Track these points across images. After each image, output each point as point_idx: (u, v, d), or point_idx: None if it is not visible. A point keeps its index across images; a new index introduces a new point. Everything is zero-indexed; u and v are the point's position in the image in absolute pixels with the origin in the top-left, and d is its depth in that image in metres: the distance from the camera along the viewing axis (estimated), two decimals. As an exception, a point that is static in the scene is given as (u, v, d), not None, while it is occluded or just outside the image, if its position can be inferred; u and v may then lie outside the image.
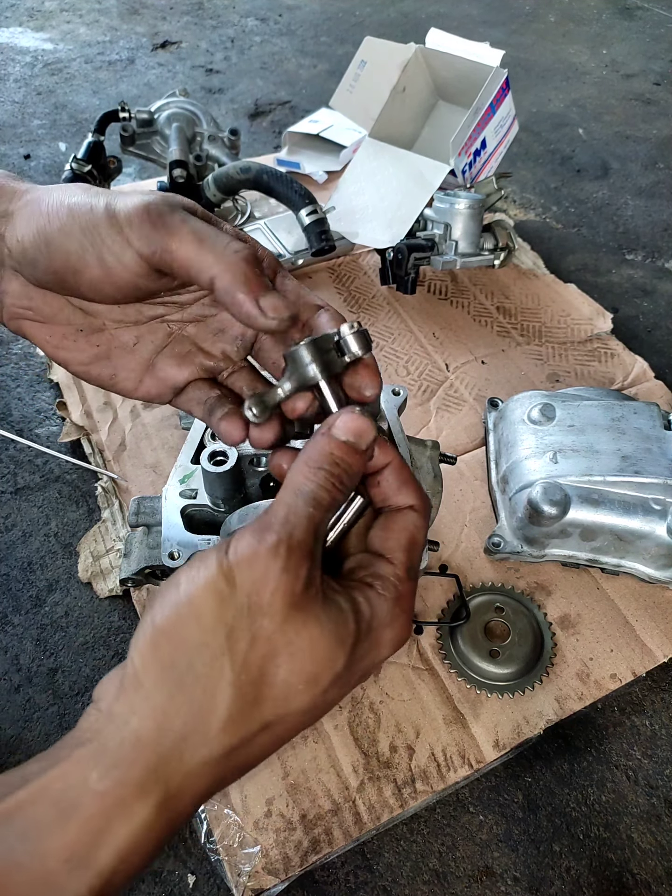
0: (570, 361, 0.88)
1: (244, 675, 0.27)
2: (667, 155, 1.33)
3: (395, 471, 0.32)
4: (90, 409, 0.80)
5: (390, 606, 0.30)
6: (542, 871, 0.52)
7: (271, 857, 0.51)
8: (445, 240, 0.88)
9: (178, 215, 0.32)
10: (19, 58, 1.56)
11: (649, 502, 0.62)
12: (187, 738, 0.27)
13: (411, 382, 0.85)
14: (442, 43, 0.99)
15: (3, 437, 0.78)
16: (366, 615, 0.30)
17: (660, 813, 0.55)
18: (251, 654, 0.27)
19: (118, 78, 1.51)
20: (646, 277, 1.06)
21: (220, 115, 1.39)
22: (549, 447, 0.66)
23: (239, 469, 0.47)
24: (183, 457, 0.54)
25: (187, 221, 0.32)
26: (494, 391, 0.83)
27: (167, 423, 0.78)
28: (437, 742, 0.56)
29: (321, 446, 0.30)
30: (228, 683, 0.27)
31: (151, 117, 1.02)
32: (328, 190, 1.06)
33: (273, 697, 0.28)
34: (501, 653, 0.60)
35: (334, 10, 1.84)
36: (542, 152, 1.33)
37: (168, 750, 0.26)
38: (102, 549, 0.68)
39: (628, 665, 0.61)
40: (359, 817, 0.53)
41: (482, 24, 1.78)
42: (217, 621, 0.27)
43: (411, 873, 0.52)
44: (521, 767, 0.57)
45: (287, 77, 1.54)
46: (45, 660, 0.62)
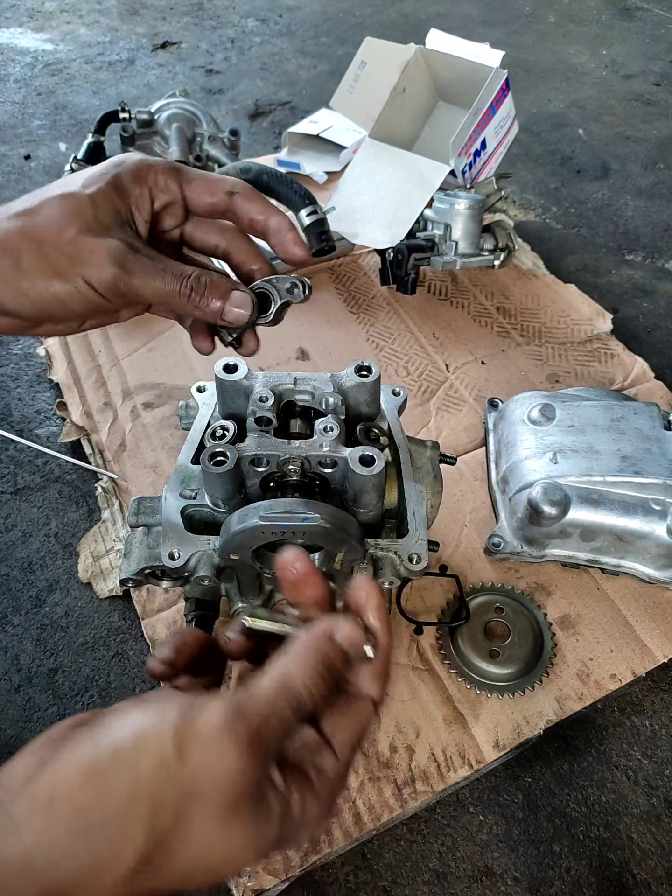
0: (570, 362, 0.88)
1: (154, 849, 0.26)
2: (667, 155, 1.33)
3: (381, 661, 0.32)
4: (90, 409, 0.80)
5: (320, 808, 0.30)
6: (542, 872, 0.52)
7: (271, 857, 0.50)
8: (445, 240, 0.88)
9: (137, 262, 0.38)
10: (19, 58, 1.56)
11: (649, 502, 0.62)
12: (78, 884, 0.26)
13: (411, 383, 0.85)
14: (442, 43, 1.00)
15: (3, 438, 0.78)
16: (294, 818, 0.29)
17: (660, 813, 0.55)
18: (169, 833, 0.26)
19: (118, 78, 1.51)
20: (646, 278, 1.06)
21: (220, 115, 1.39)
22: (548, 447, 0.66)
23: (239, 469, 0.47)
24: (183, 457, 0.54)
25: (143, 267, 0.38)
26: (494, 391, 0.83)
27: (167, 424, 0.78)
28: (437, 742, 0.56)
29: (322, 647, 0.30)
30: (134, 850, 0.26)
31: (151, 118, 1.02)
32: (328, 190, 1.06)
33: (171, 875, 0.27)
34: (501, 653, 0.60)
35: (334, 10, 1.84)
36: (542, 153, 1.33)
37: (57, 887, 0.25)
38: (102, 549, 0.68)
39: (628, 665, 0.61)
40: (359, 817, 0.53)
41: (482, 25, 1.78)
42: (150, 790, 0.26)
43: (411, 873, 0.52)
44: (521, 768, 0.57)
45: (287, 77, 1.54)
46: (45, 660, 0.62)
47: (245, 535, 0.45)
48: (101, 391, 0.81)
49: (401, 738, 0.56)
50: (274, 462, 0.47)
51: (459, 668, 0.60)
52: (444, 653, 0.61)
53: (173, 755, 0.26)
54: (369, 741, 0.56)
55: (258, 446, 0.47)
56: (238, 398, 0.51)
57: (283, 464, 0.47)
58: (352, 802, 0.53)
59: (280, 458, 0.47)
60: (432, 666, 0.60)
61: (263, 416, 0.48)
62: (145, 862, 0.26)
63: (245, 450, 0.47)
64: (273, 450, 0.47)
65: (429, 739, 0.56)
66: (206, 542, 0.50)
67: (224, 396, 0.52)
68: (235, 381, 0.50)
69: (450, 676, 0.60)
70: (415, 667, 0.60)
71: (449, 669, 0.60)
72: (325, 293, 0.96)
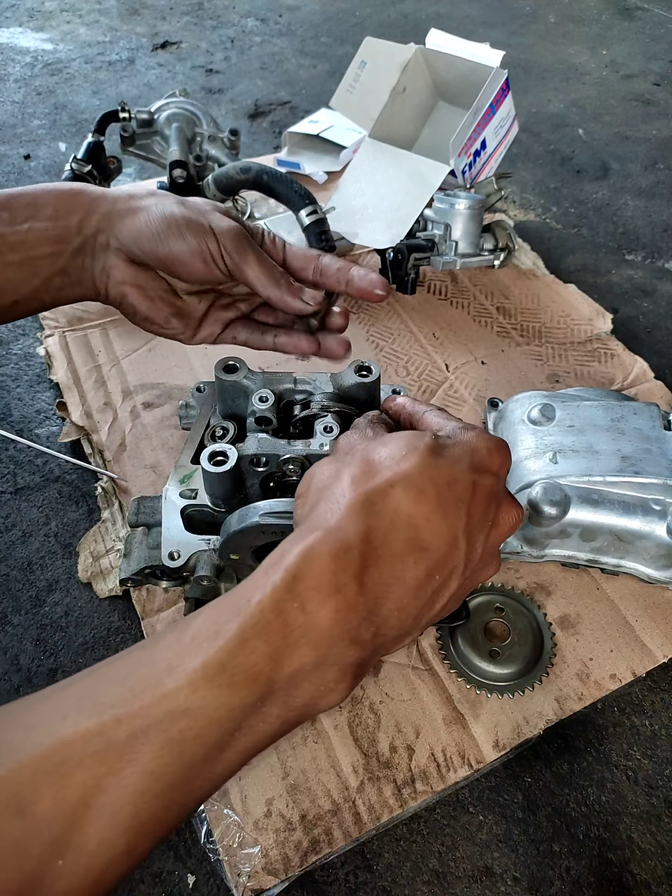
0: (570, 362, 0.88)
1: (357, 469, 0.34)
2: (667, 155, 1.33)
3: None
4: (90, 409, 0.80)
5: (459, 426, 0.37)
6: (542, 872, 0.52)
7: (271, 857, 0.51)
8: (445, 240, 0.88)
9: (248, 243, 0.48)
10: (19, 58, 1.56)
11: (649, 502, 0.62)
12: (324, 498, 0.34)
13: (411, 382, 0.85)
14: (442, 43, 1.00)
15: (3, 437, 0.78)
16: (440, 432, 0.36)
17: (660, 813, 0.55)
18: (356, 457, 0.35)
19: (118, 78, 1.51)
20: (646, 278, 1.06)
21: (220, 115, 1.39)
22: (548, 447, 0.66)
23: (239, 469, 0.47)
24: (183, 457, 0.54)
25: (253, 250, 0.48)
26: (494, 391, 0.83)
27: (167, 423, 0.78)
28: (437, 742, 0.56)
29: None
30: (349, 472, 0.34)
31: (151, 117, 1.02)
32: (328, 190, 1.06)
33: (381, 463, 0.34)
34: (501, 653, 0.60)
35: (334, 10, 1.84)
36: (542, 153, 1.33)
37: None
38: (102, 549, 0.68)
39: (628, 665, 0.61)
40: (359, 817, 0.53)
41: (482, 25, 1.78)
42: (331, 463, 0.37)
43: (411, 873, 0.52)
44: (520, 767, 0.57)
45: (287, 77, 1.54)
46: (45, 660, 0.62)
47: (245, 535, 0.45)
48: (101, 391, 0.81)
49: (400, 738, 0.56)
50: (274, 462, 0.47)
51: (459, 668, 0.60)
52: (443, 653, 0.61)
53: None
54: (369, 741, 0.56)
55: (258, 446, 0.47)
56: (238, 398, 0.51)
57: (283, 464, 0.47)
58: (351, 802, 0.53)
59: (280, 457, 0.47)
60: (432, 666, 0.60)
61: (263, 416, 0.48)
62: (359, 470, 0.34)
63: (245, 450, 0.47)
64: (273, 450, 0.47)
65: (428, 739, 0.56)
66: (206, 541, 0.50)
67: (224, 396, 0.52)
68: (235, 382, 0.50)
69: (449, 676, 0.60)
70: (414, 667, 0.60)
71: (449, 669, 0.60)
72: (325, 293, 0.96)
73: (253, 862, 0.50)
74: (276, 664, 0.29)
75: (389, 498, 0.32)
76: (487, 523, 0.35)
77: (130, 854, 0.28)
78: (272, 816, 0.52)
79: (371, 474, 0.33)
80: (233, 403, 0.52)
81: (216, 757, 0.29)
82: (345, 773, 0.55)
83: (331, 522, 0.32)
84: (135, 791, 0.27)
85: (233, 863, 0.50)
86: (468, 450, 0.35)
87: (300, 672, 0.30)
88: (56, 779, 0.27)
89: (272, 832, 0.52)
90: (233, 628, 0.29)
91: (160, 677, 0.29)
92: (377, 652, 0.33)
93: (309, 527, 0.32)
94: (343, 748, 0.56)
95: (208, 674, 0.28)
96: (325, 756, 0.55)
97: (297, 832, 0.52)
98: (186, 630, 0.30)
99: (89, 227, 0.47)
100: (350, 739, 0.56)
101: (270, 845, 0.51)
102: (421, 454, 0.33)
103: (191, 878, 0.51)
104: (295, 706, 0.31)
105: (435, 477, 0.33)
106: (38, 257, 0.46)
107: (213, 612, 0.31)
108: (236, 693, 0.29)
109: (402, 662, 0.60)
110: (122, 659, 0.32)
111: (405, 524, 0.32)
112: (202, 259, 0.47)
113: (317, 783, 0.54)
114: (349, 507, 0.32)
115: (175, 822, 0.30)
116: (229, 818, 0.52)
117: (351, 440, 0.38)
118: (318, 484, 0.35)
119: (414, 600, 0.32)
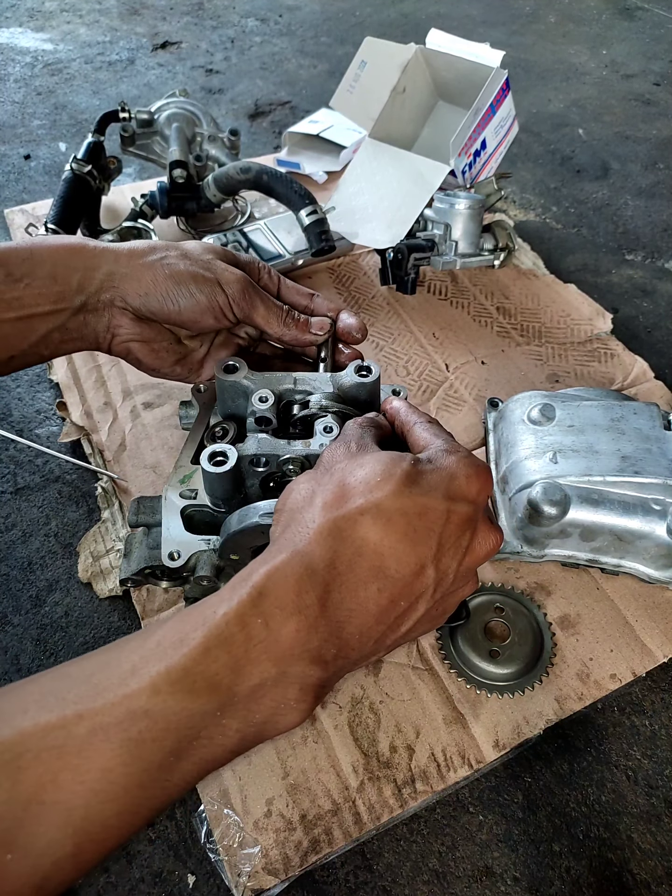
0: (570, 362, 0.88)
1: (330, 495, 0.35)
2: (667, 155, 1.33)
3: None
4: (90, 409, 0.80)
5: (442, 446, 0.38)
6: (542, 871, 0.52)
7: (271, 857, 0.51)
8: (445, 240, 0.88)
9: (255, 291, 0.50)
10: (19, 58, 1.56)
11: (649, 502, 0.62)
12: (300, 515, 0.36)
13: (411, 382, 0.85)
14: (442, 43, 1.00)
15: (3, 437, 0.78)
16: (422, 455, 0.37)
17: (660, 813, 0.55)
18: (333, 477, 0.36)
19: (118, 78, 1.51)
20: (646, 278, 1.06)
21: (220, 115, 1.39)
22: (548, 447, 0.66)
23: (239, 469, 0.47)
24: (183, 457, 0.54)
25: (259, 295, 0.50)
26: (494, 391, 0.83)
27: (167, 423, 0.78)
28: (437, 742, 0.56)
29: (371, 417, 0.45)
30: (322, 495, 0.35)
31: (151, 117, 1.02)
32: (328, 190, 1.06)
33: (355, 489, 0.34)
34: (501, 653, 0.60)
35: (334, 10, 1.84)
36: (542, 153, 1.33)
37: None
38: (102, 549, 0.68)
39: (628, 665, 0.61)
40: (359, 817, 0.53)
41: (482, 25, 1.78)
42: (308, 481, 0.38)
43: (411, 873, 0.52)
44: (521, 767, 0.57)
45: (287, 77, 1.54)
46: (45, 660, 0.62)
47: (245, 535, 0.45)
48: (101, 391, 0.81)
49: (401, 738, 0.56)
50: (274, 462, 0.47)
51: (459, 668, 0.60)
52: (444, 653, 0.61)
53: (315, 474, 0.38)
54: (369, 741, 0.56)
55: (258, 446, 0.47)
56: (238, 398, 0.51)
57: (283, 464, 0.47)
58: (352, 802, 0.53)
59: (280, 458, 0.47)
60: (432, 666, 0.60)
61: (263, 417, 0.48)
62: (331, 494, 0.35)
63: (245, 450, 0.47)
64: (273, 450, 0.47)
65: (429, 739, 0.56)
66: (206, 542, 0.50)
67: (224, 396, 0.52)
68: (235, 382, 0.50)
69: (449, 676, 0.60)
70: (415, 666, 0.60)
71: (449, 669, 0.60)
72: (326, 293, 0.96)
73: (253, 862, 0.50)
74: (237, 676, 0.30)
75: (358, 526, 0.33)
76: (461, 550, 0.36)
77: (76, 860, 0.28)
78: (272, 816, 0.52)
79: (343, 500, 0.34)
80: (232, 404, 0.52)
81: (173, 766, 0.30)
82: (345, 773, 0.55)
83: (299, 546, 0.33)
84: (90, 790, 0.28)
85: (233, 863, 0.50)
86: (446, 476, 0.35)
87: (261, 687, 0.31)
88: (12, 771, 0.27)
89: (272, 832, 0.52)
90: (197, 637, 0.30)
91: (124, 678, 0.29)
92: (339, 673, 0.34)
93: (278, 548, 0.33)
94: (343, 748, 0.56)
95: (171, 678, 0.29)
96: (325, 756, 0.55)
97: (297, 832, 0.52)
98: (152, 636, 0.31)
99: (91, 286, 0.47)
100: (350, 739, 0.56)
101: (270, 845, 0.51)
102: (395, 483, 0.34)
103: (191, 878, 0.51)
104: (255, 722, 0.31)
105: (405, 507, 0.33)
106: (36, 315, 0.46)
107: (180, 622, 0.32)
108: (196, 699, 0.29)
109: (402, 662, 0.60)
110: (87, 659, 0.32)
111: (371, 552, 0.33)
112: (213, 314, 0.49)
113: (317, 783, 0.54)
114: (317, 533, 0.33)
115: (122, 834, 0.30)
116: (229, 818, 0.52)
117: (333, 456, 0.38)
118: (293, 504, 0.36)
119: (377, 625, 0.33)
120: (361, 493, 0.34)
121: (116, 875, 0.51)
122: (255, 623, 0.30)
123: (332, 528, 0.33)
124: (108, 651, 0.32)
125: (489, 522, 0.38)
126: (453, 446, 0.38)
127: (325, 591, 0.32)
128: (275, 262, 0.95)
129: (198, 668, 0.29)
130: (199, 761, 0.30)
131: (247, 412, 0.50)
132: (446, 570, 0.35)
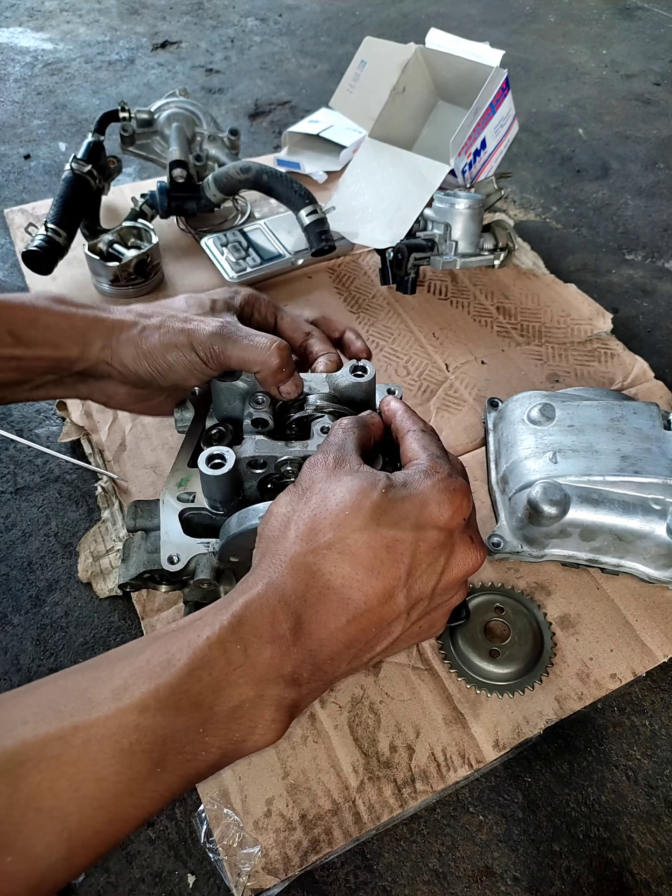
0: (570, 361, 0.88)
1: (303, 527, 0.37)
2: (667, 155, 1.33)
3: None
4: (90, 409, 0.80)
5: (424, 465, 0.38)
6: (542, 871, 0.52)
7: (271, 857, 0.51)
8: (445, 240, 0.88)
9: (229, 340, 0.48)
10: (19, 58, 1.56)
11: (649, 502, 0.62)
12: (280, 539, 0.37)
13: (411, 382, 0.85)
14: (442, 43, 0.99)
15: (3, 437, 0.78)
16: (398, 476, 0.38)
17: (660, 813, 0.55)
18: (308, 504, 0.37)
19: (118, 78, 1.51)
20: (646, 277, 1.06)
21: (220, 115, 1.39)
22: (548, 447, 0.66)
23: (237, 472, 0.47)
24: (179, 460, 0.53)
25: (237, 344, 0.48)
26: (494, 391, 0.83)
27: (167, 424, 0.78)
28: (437, 742, 0.56)
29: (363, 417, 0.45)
30: (296, 527, 0.37)
31: (151, 117, 1.02)
32: (328, 190, 1.06)
33: (325, 520, 0.36)
34: (501, 653, 0.60)
35: (334, 10, 1.84)
36: (542, 152, 1.33)
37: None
38: (102, 549, 0.68)
39: (628, 665, 0.61)
40: (359, 817, 0.53)
41: (482, 24, 1.78)
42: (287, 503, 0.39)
43: (411, 873, 0.52)
44: (521, 767, 0.57)
45: (287, 77, 1.54)
46: (45, 660, 0.62)
47: (245, 538, 0.45)
48: (100, 391, 0.81)
49: (401, 738, 0.56)
50: (272, 464, 0.47)
51: (459, 668, 0.60)
52: (443, 652, 0.61)
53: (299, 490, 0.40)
54: (369, 740, 0.56)
55: (255, 448, 0.47)
56: (234, 401, 0.51)
57: (280, 465, 0.47)
58: (352, 802, 0.53)
59: (278, 459, 0.47)
60: (432, 665, 0.60)
61: (260, 418, 0.48)
62: (305, 524, 0.36)
63: (242, 452, 0.47)
64: (270, 451, 0.47)
65: (429, 739, 0.56)
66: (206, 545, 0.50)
67: (220, 399, 0.52)
68: (231, 384, 0.50)
69: (449, 676, 0.60)
70: (414, 666, 0.60)
71: (449, 669, 0.60)
72: (325, 293, 0.96)
73: (253, 862, 0.50)
74: (217, 696, 0.32)
75: (326, 561, 0.35)
76: (435, 573, 0.37)
77: (70, 863, 0.30)
78: (272, 816, 0.52)
79: (313, 533, 0.36)
80: (229, 406, 0.52)
81: (159, 777, 0.32)
82: (345, 773, 0.55)
83: (273, 577, 0.35)
84: (84, 797, 0.29)
85: (233, 863, 0.50)
86: (417, 504, 0.36)
87: (240, 707, 0.33)
88: (13, 779, 0.29)
89: (272, 832, 0.52)
90: (183, 658, 0.32)
91: (117, 693, 0.32)
92: (314, 692, 0.36)
93: (255, 578, 0.36)
94: (343, 748, 0.56)
95: (159, 695, 0.31)
96: (325, 756, 0.55)
97: (297, 832, 0.52)
98: (141, 653, 0.34)
99: (89, 358, 0.49)
100: (350, 739, 0.56)
101: (270, 845, 0.51)
102: (363, 517, 0.35)
103: (191, 878, 0.51)
104: (234, 740, 0.33)
105: (371, 541, 0.35)
106: (36, 371, 0.49)
107: (167, 642, 0.34)
108: (181, 716, 0.31)
109: (402, 662, 0.60)
110: (80, 673, 0.34)
111: (339, 585, 0.35)
112: (193, 374, 0.50)
113: (317, 783, 0.54)
114: (290, 566, 0.35)
115: (112, 839, 0.31)
116: (229, 818, 0.52)
117: (311, 475, 0.39)
118: (270, 532, 0.38)
119: (346, 650, 0.36)
120: (331, 527, 0.35)
121: (116, 875, 0.51)
122: (234, 649, 0.33)
123: (302, 562, 0.35)
124: (98, 667, 0.34)
125: (468, 542, 0.38)
126: (434, 466, 0.38)
127: (297, 622, 0.34)
128: (275, 261, 0.95)
129: (183, 686, 0.32)
130: (184, 774, 0.33)
131: (243, 414, 0.50)
132: (420, 594, 0.37)
